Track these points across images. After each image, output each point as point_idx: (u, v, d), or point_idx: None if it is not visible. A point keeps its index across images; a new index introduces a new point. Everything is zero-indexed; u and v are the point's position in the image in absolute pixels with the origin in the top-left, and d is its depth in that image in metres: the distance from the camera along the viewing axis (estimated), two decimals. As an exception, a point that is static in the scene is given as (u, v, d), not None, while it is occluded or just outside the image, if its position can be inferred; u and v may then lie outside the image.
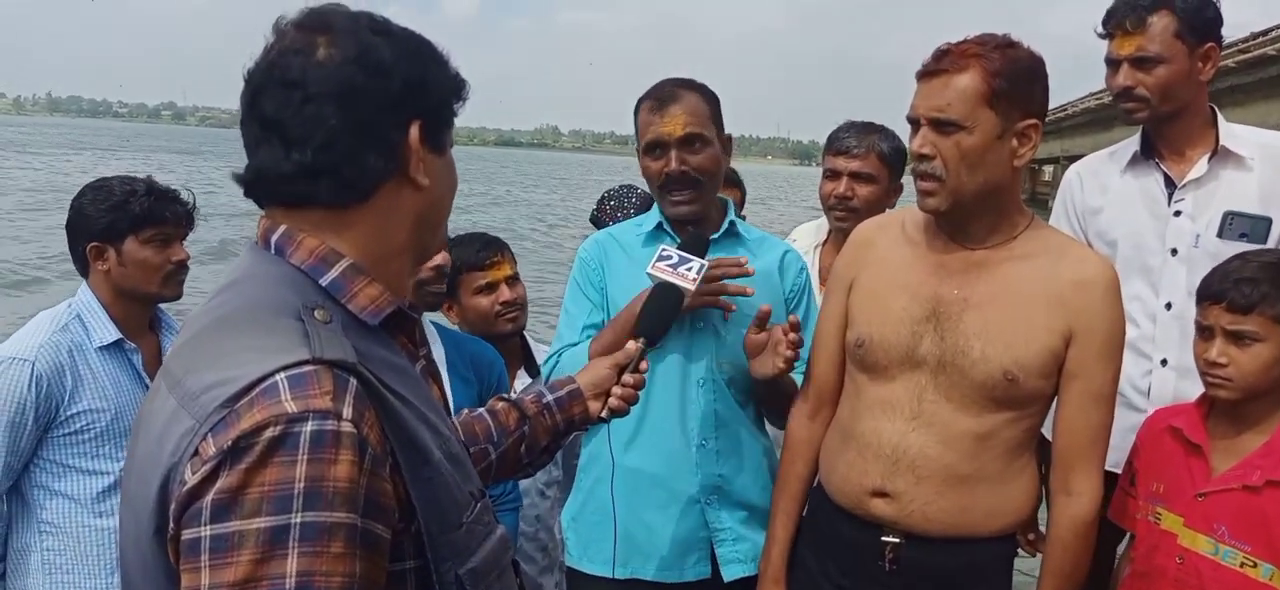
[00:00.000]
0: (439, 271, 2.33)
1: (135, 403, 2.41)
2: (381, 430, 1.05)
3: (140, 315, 2.52)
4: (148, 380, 2.45)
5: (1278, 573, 1.95)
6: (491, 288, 2.84)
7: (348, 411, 1.00)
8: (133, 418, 2.37)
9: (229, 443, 0.96)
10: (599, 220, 3.48)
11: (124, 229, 2.41)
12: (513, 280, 2.90)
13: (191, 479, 0.97)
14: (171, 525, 0.99)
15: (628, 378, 1.81)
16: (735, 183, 3.45)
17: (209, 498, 0.95)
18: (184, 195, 2.55)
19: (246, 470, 0.95)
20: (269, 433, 0.96)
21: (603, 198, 3.59)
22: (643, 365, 1.83)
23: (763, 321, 2.13)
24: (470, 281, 2.83)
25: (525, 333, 3.05)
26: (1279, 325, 1.97)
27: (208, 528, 0.95)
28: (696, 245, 2.06)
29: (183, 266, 2.50)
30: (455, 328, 2.90)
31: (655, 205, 2.41)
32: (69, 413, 2.35)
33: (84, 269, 2.47)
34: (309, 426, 0.97)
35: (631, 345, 1.84)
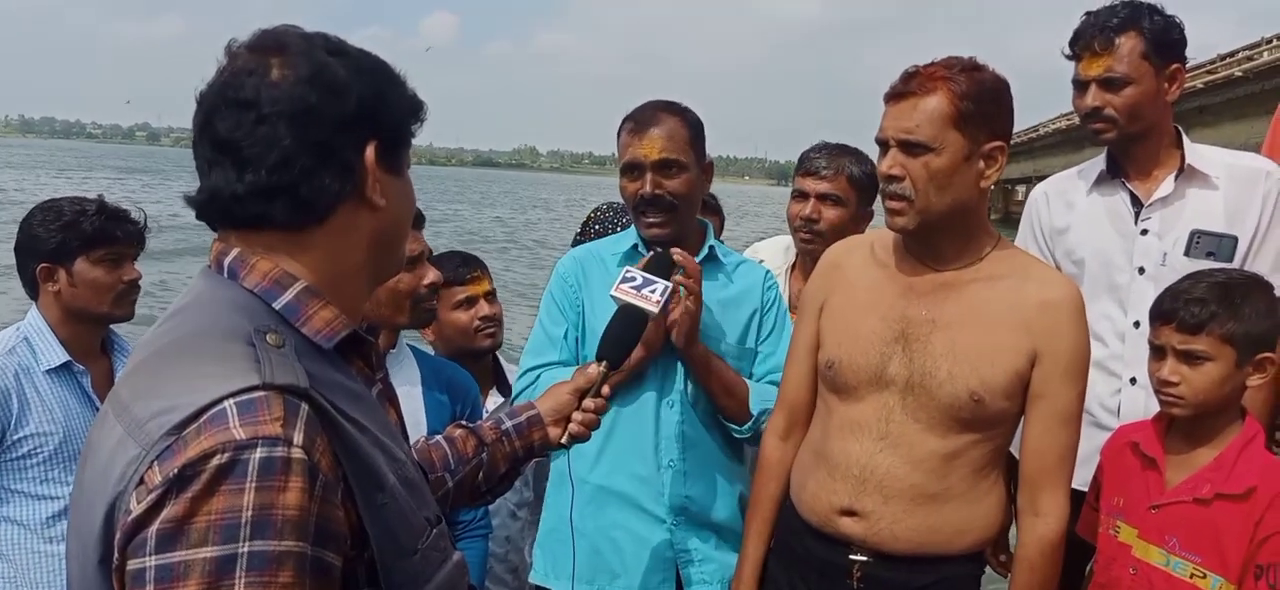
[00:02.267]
0: (432, 289, 2.33)
1: (85, 425, 2.38)
2: (334, 456, 1.03)
3: (91, 337, 2.49)
4: (98, 402, 2.42)
5: (1226, 584, 1.98)
6: (470, 302, 2.86)
7: (298, 437, 0.98)
8: (83, 441, 2.34)
9: (175, 471, 0.94)
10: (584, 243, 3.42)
11: (75, 249, 2.38)
12: (491, 296, 2.92)
13: (137, 508, 0.95)
14: (117, 555, 0.97)
15: (589, 402, 1.78)
16: (715, 209, 3.42)
17: (154, 527, 0.93)
18: (135, 214, 2.52)
19: (192, 499, 0.93)
20: (216, 460, 0.94)
21: (587, 220, 3.52)
22: (605, 390, 1.80)
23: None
24: (449, 296, 2.83)
25: (498, 354, 3.03)
26: (1228, 344, 2.00)
27: (153, 558, 0.93)
28: (661, 267, 2.05)
29: (134, 286, 2.48)
30: (431, 343, 2.89)
31: (633, 226, 2.40)
32: (16, 436, 2.32)
33: (34, 291, 2.44)
34: (258, 453, 0.95)
35: (593, 369, 1.81)
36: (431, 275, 2.31)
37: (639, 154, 2.27)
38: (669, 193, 2.26)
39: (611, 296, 1.96)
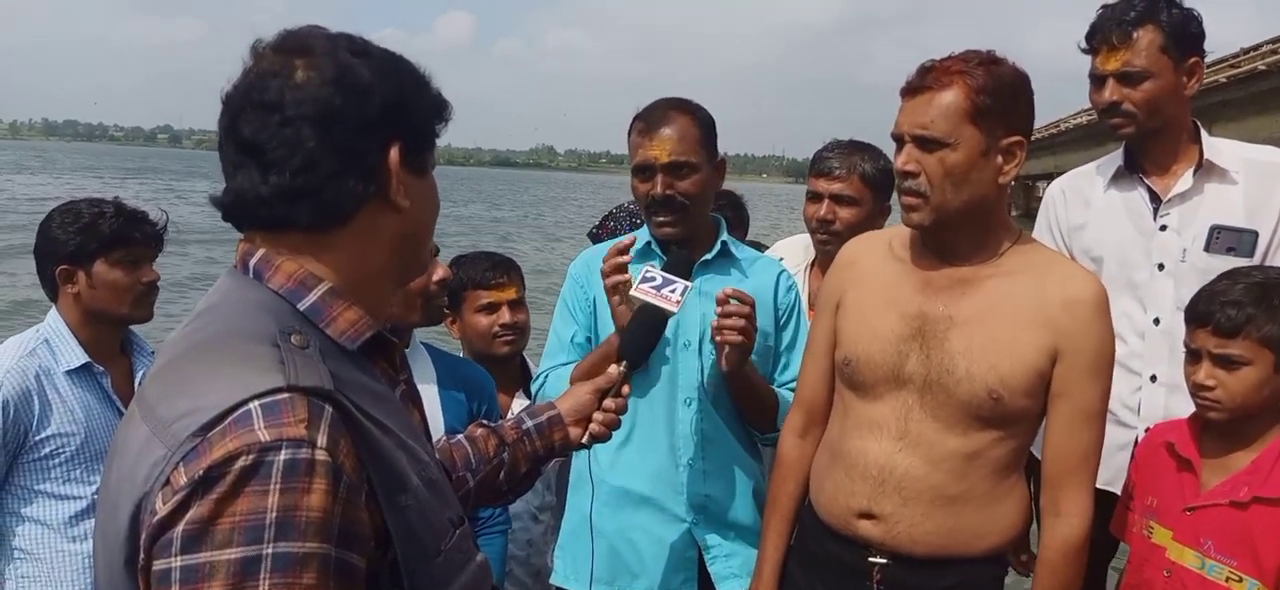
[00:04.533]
0: (442, 285, 2.35)
1: (106, 425, 2.40)
2: (357, 457, 1.03)
3: (110, 338, 2.50)
4: (118, 403, 2.44)
5: (1262, 588, 1.95)
6: (493, 308, 2.86)
7: (322, 439, 0.99)
8: (103, 441, 2.37)
9: (200, 472, 0.95)
10: (598, 238, 3.43)
11: (93, 251, 2.39)
12: (516, 304, 2.91)
13: (162, 509, 0.96)
14: (142, 556, 0.98)
15: (609, 402, 1.79)
16: (738, 207, 3.37)
17: (180, 528, 0.94)
18: (153, 215, 2.53)
19: (217, 500, 0.94)
20: (241, 462, 0.95)
21: (606, 216, 3.51)
22: (625, 389, 1.81)
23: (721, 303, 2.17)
24: (474, 299, 2.85)
25: (527, 356, 3.04)
26: (1265, 348, 1.96)
27: (178, 559, 0.94)
28: (681, 267, 2.05)
29: (153, 288, 2.49)
30: (458, 342, 2.92)
31: (646, 225, 2.41)
32: (37, 438, 2.33)
33: (53, 293, 2.45)
34: (282, 455, 0.96)
35: (613, 369, 1.82)
36: (440, 272, 2.33)
37: (649, 155, 2.27)
38: (680, 194, 2.26)
39: (630, 296, 1.97)
